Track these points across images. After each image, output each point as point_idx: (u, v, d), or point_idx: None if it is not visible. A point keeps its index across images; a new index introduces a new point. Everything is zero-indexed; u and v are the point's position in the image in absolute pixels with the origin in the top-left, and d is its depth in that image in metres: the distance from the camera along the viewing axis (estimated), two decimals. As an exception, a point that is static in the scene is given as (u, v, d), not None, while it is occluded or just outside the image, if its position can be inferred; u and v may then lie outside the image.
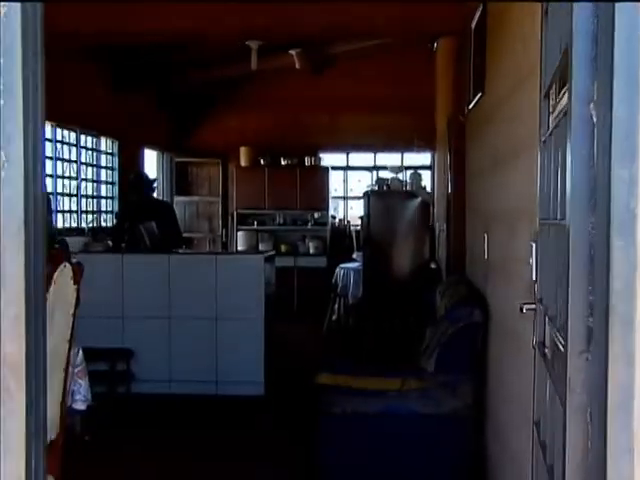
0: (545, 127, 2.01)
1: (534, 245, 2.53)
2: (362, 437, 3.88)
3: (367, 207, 7.61)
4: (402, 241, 7.59)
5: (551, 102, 1.95)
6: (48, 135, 7.57)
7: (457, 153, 6.96)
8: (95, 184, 8.82)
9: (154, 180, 7.61)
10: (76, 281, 2.89)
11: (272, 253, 6.90)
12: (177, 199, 11.38)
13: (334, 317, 9.99)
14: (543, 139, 2.02)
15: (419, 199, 7.47)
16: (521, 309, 2.10)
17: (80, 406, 3.35)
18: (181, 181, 11.48)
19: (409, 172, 8.07)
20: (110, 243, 6.84)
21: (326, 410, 3.88)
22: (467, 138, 5.51)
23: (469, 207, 5.41)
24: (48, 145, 7.58)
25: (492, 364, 3.76)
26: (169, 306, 6.43)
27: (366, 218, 7.66)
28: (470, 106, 4.92)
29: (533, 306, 2.06)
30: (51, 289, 2.61)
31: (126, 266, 6.47)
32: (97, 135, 8.77)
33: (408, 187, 7.83)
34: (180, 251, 7.33)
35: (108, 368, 6.34)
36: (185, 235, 11.21)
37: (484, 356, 3.92)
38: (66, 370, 2.89)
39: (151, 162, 11.04)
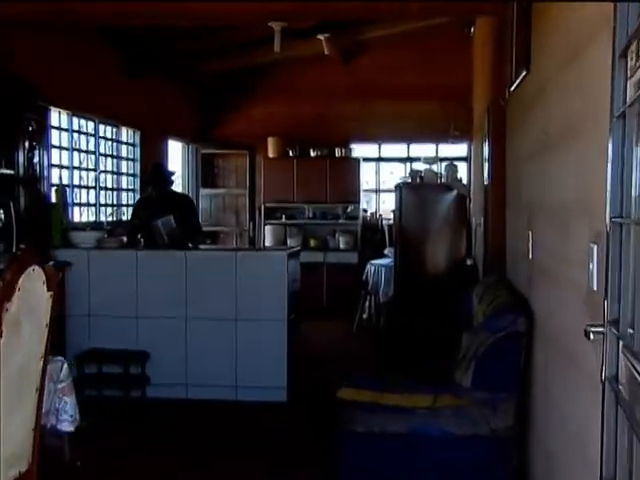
0: (620, 97, 1.54)
1: (595, 248, 2.06)
2: (388, 459, 3.43)
3: (399, 200, 7.14)
4: (436, 236, 7.12)
5: (630, 63, 1.48)
6: (64, 124, 7.22)
7: (497, 141, 6.46)
8: (115, 176, 8.46)
9: (173, 172, 7.21)
10: (50, 287, 2.47)
11: (297, 249, 6.47)
12: (203, 192, 11.01)
13: (364, 315, 9.55)
14: (618, 112, 1.55)
15: (455, 192, 6.99)
16: (587, 334, 1.63)
17: (67, 427, 2.94)
18: (207, 173, 11.09)
19: (444, 163, 7.57)
20: (125, 239, 6.44)
21: (348, 428, 3.44)
22: (508, 124, 5.01)
23: (509, 200, 4.91)
24: (64, 135, 7.22)
25: (538, 380, 3.28)
26: (186, 306, 6.03)
27: (398, 212, 7.19)
28: (512, 88, 4.43)
29: (601, 329, 1.59)
30: (14, 296, 2.19)
31: (141, 263, 6.09)
32: (117, 125, 8.39)
33: (443, 179, 7.34)
34: (201, 247, 6.93)
35: (122, 371, 5.98)
36: (211, 229, 10.89)
37: (528, 370, 3.44)
38: (41, 390, 2.47)
39: (176, 153, 10.68)
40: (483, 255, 7.36)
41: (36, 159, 5.72)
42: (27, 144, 5.59)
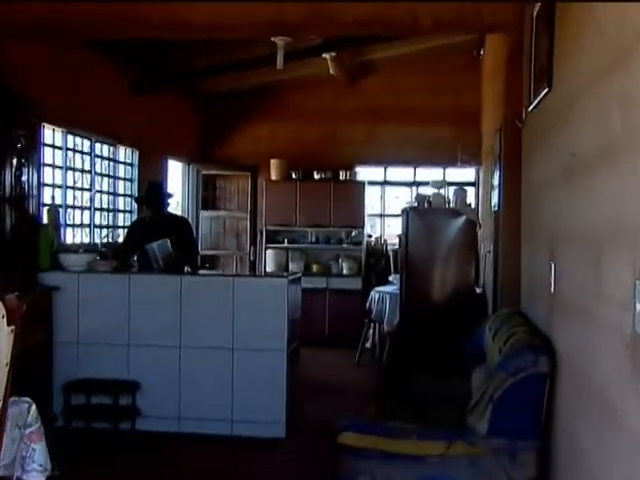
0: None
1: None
2: (395, 513, 3.10)
3: (405, 225, 6.84)
4: (444, 264, 6.81)
5: None
6: (58, 142, 6.94)
7: (510, 165, 6.17)
8: (111, 197, 8.16)
9: (171, 194, 6.91)
10: (11, 321, 2.14)
11: (298, 275, 6.15)
12: (203, 214, 10.71)
13: (368, 344, 9.22)
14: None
15: (464, 217, 6.69)
16: None
17: (36, 478, 2.59)
18: (207, 195, 10.80)
19: (452, 188, 7.27)
20: (116, 263, 6.14)
21: (350, 478, 3.10)
22: (525, 146, 4.71)
23: (525, 228, 4.60)
24: (58, 153, 6.94)
25: (564, 429, 2.95)
26: (180, 333, 5.72)
27: (404, 237, 6.88)
28: (530, 108, 4.13)
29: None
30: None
31: (133, 288, 5.78)
32: (115, 143, 8.11)
33: (451, 204, 7.04)
34: (199, 272, 6.63)
35: (111, 402, 5.65)
36: (210, 253, 10.59)
37: (551, 416, 3.11)
38: (-1, 438, 2.15)
39: (175, 174, 10.39)
40: (493, 284, 7.04)
41: (24, 177, 5.42)
42: (15, 162, 5.30)
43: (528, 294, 4.38)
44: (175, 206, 10.61)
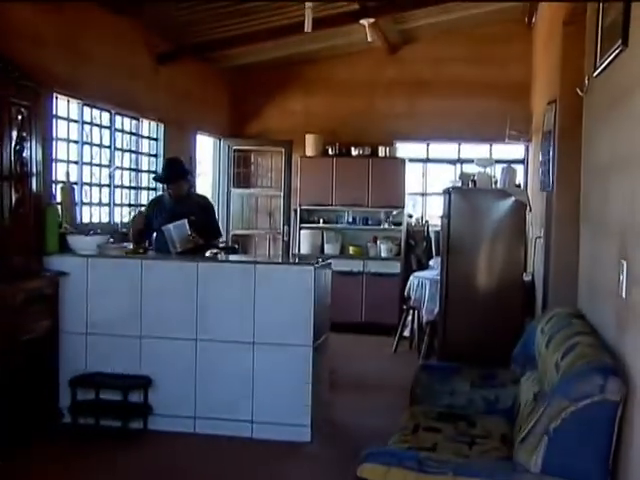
0: None
1: None
2: None
3: (448, 207, 6.22)
4: (489, 249, 6.20)
5: None
6: (73, 115, 6.45)
7: (566, 140, 5.54)
8: (134, 173, 7.68)
9: (190, 170, 6.37)
10: None
11: (327, 262, 5.58)
12: (235, 191, 10.18)
13: (406, 332, 8.64)
14: None
15: (512, 199, 6.05)
16: None
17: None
18: (239, 172, 10.27)
19: (500, 166, 6.61)
20: (130, 246, 5.65)
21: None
22: (588, 120, 4.06)
23: (586, 214, 3.97)
24: (73, 127, 6.46)
25: (638, 469, 2.36)
26: (196, 325, 5.21)
27: (446, 220, 6.27)
28: (596, 73, 3.49)
29: None
30: None
31: (146, 274, 5.28)
32: (137, 117, 7.61)
33: (499, 184, 6.40)
34: (220, 255, 6.11)
35: (121, 398, 5.18)
36: (241, 232, 10.09)
37: (622, 453, 2.52)
38: None
39: (206, 150, 9.89)
40: (543, 273, 6.40)
41: (26, 153, 4.93)
42: (15, 135, 4.81)
43: (588, 292, 3.76)
44: (206, 184, 10.17)
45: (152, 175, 7.77)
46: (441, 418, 3.93)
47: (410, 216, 10.10)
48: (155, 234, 5.99)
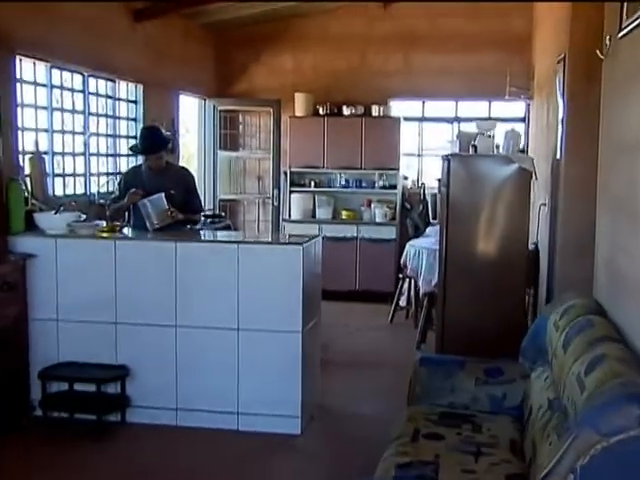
0: None
1: None
2: None
3: (447, 175, 5.78)
4: (491, 220, 5.77)
5: None
6: (41, 79, 5.95)
7: (577, 103, 5.12)
8: (111, 139, 7.20)
9: (169, 139, 5.90)
10: None
11: (317, 238, 5.15)
12: (221, 154, 9.70)
13: (402, 302, 8.27)
14: None
15: (516, 166, 5.60)
16: None
17: None
18: (226, 133, 9.77)
19: (503, 129, 6.14)
20: (103, 223, 5.22)
21: None
22: (609, 84, 3.60)
23: (606, 192, 3.54)
24: (41, 92, 5.96)
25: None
26: (176, 311, 4.81)
27: (445, 188, 5.83)
28: (621, 34, 3.03)
29: None
30: None
31: (120, 255, 4.85)
32: (113, 78, 7.10)
33: (501, 149, 5.95)
34: (202, 232, 5.69)
35: (96, 390, 4.79)
36: (229, 197, 9.65)
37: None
38: None
39: (190, 111, 9.38)
40: (548, 244, 6.00)
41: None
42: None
43: (611, 283, 3.35)
44: (189, 147, 9.70)
45: (132, 140, 7.28)
46: (443, 421, 3.55)
47: (405, 178, 9.65)
48: (132, 209, 5.54)
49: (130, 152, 6.41)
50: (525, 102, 9.06)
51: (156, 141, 5.45)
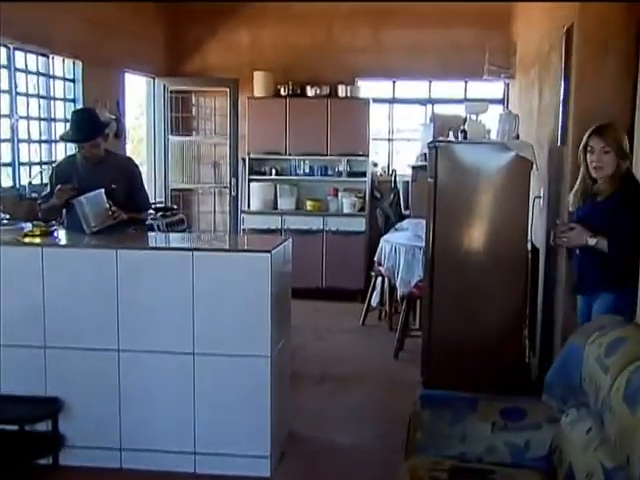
0: None
1: None
2: None
3: (434, 164, 5.03)
4: (486, 216, 5.07)
5: None
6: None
7: (590, 80, 4.40)
8: (45, 124, 6.30)
9: (106, 122, 5.03)
10: None
11: (286, 241, 4.34)
12: (172, 139, 8.83)
13: (374, 302, 7.53)
14: None
15: (513, 154, 4.89)
16: None
17: None
18: (178, 116, 8.89)
19: (499, 112, 5.41)
20: (29, 226, 4.35)
21: None
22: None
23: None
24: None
25: None
26: (118, 332, 3.98)
27: (432, 180, 5.09)
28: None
29: None
30: None
31: (49, 266, 4.00)
32: (47, 53, 6.19)
33: (495, 134, 5.23)
34: (149, 225, 4.86)
35: (19, 428, 3.96)
36: (182, 187, 8.83)
37: None
38: None
39: (136, 92, 8.48)
40: (546, 241, 5.29)
41: None
42: None
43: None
44: (137, 132, 8.83)
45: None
46: (453, 478, 2.81)
47: (375, 165, 8.91)
48: (65, 209, 4.68)
49: (61, 140, 5.48)
50: (504, 82, 8.38)
51: (89, 126, 4.55)
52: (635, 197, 3.84)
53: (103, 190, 4.48)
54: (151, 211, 7.13)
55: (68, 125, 4.89)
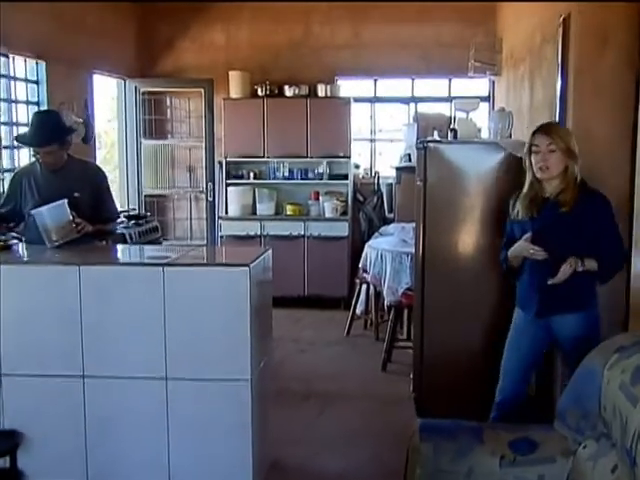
0: None
1: None
2: None
3: (423, 166, 4.70)
4: (478, 219, 4.73)
5: None
6: None
7: (589, 74, 4.12)
8: (7, 128, 5.91)
9: (71, 128, 4.64)
10: None
11: (266, 253, 3.99)
12: (146, 143, 8.45)
13: (360, 309, 7.20)
14: None
15: (507, 154, 4.57)
16: None
17: None
18: (151, 119, 8.50)
19: (494, 111, 5.10)
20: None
21: None
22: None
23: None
24: None
25: None
26: (83, 356, 3.61)
27: (421, 182, 4.76)
28: None
29: None
30: None
31: (4, 284, 3.62)
32: (6, 53, 5.80)
33: (486, 133, 4.92)
34: (120, 234, 4.48)
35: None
36: (155, 192, 8.45)
37: None
38: None
39: (107, 94, 8.10)
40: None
41: None
42: None
43: None
44: (108, 136, 8.45)
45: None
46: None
47: (357, 167, 8.58)
48: (25, 221, 4.30)
49: (17, 142, 5.05)
50: (489, 79, 8.09)
51: (47, 131, 4.16)
52: (602, 201, 3.58)
53: (66, 200, 4.10)
54: (123, 219, 6.80)
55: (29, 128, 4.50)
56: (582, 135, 4.22)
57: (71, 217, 4.11)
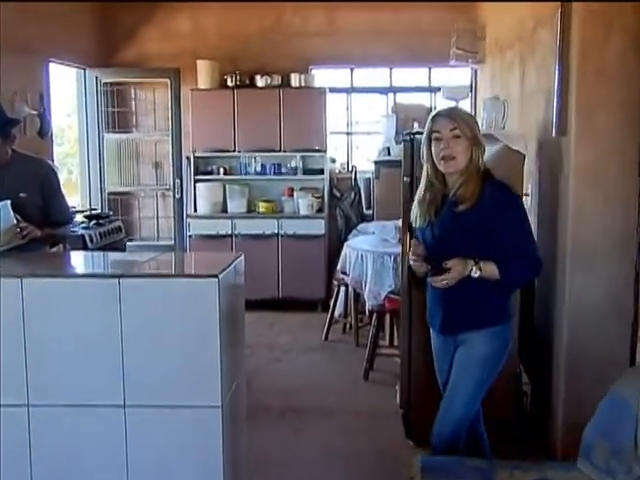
0: None
1: None
2: None
3: (410, 160, 4.29)
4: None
5: None
6: None
7: (593, 63, 3.74)
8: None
9: (14, 121, 4.14)
10: None
11: (237, 261, 3.54)
12: (108, 137, 7.97)
13: (338, 312, 6.80)
14: None
15: (503, 146, 4.17)
16: None
17: None
18: (114, 111, 8.02)
19: (487, 100, 4.69)
20: None
21: None
22: None
23: None
24: None
25: None
26: (27, 382, 3.13)
27: (408, 178, 4.34)
28: None
29: None
30: None
31: None
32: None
33: (484, 125, 4.51)
34: (79, 235, 4.02)
35: None
36: (119, 190, 7.97)
37: None
38: None
39: (63, 84, 7.59)
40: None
41: None
42: None
43: None
44: (67, 130, 7.96)
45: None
46: None
47: (333, 161, 8.17)
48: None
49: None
50: (471, 68, 7.70)
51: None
52: (509, 195, 3.07)
53: (9, 201, 3.63)
54: (83, 219, 6.33)
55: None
56: (586, 125, 3.86)
57: (15, 221, 3.64)
